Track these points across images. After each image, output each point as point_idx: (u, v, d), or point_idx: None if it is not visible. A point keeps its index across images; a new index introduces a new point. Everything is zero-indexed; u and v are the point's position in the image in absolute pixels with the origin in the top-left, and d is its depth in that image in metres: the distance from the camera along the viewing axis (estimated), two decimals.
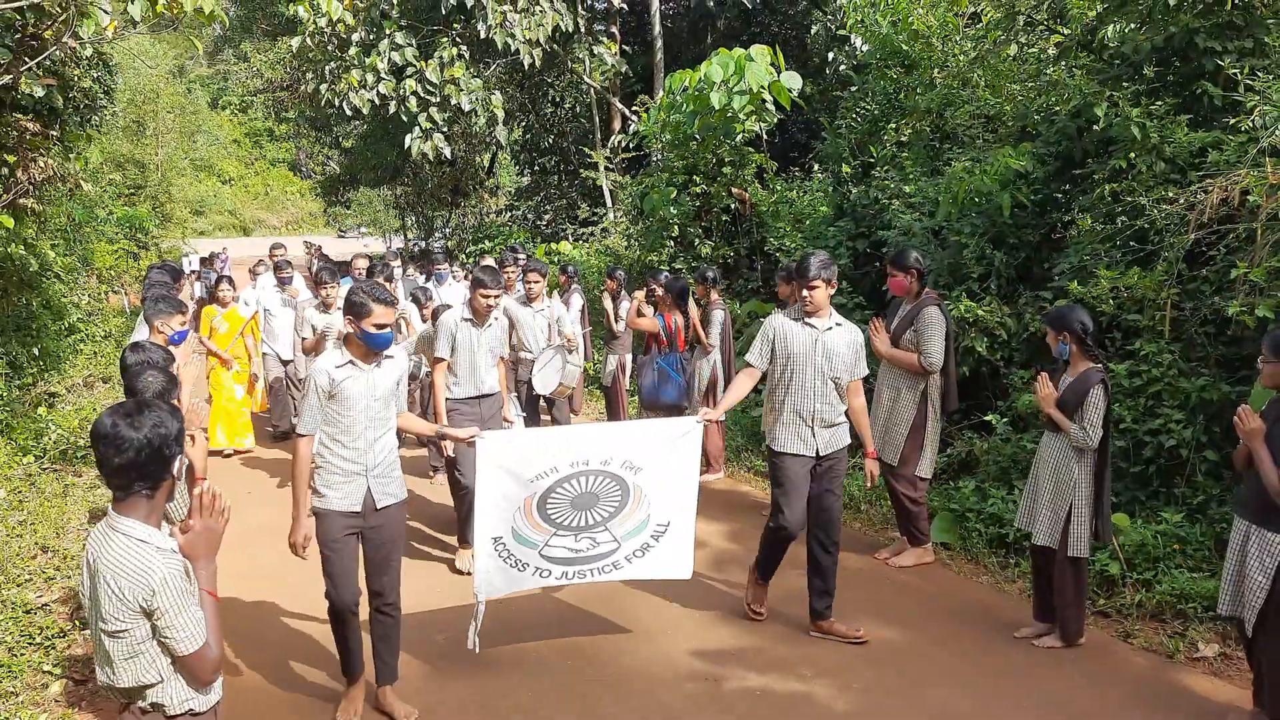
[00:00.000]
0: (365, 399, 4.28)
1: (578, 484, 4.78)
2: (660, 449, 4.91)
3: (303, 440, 4.29)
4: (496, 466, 4.61)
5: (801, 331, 5.21)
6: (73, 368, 12.27)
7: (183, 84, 43.59)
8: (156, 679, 2.50)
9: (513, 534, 4.76)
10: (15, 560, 6.05)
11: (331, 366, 4.24)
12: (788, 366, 5.24)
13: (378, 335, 4.23)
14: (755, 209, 11.72)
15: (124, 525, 2.49)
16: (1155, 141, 6.61)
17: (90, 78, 11.27)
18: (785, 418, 5.25)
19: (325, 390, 4.23)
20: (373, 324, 4.20)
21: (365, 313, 4.19)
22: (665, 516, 5.01)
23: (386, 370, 4.41)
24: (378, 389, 4.33)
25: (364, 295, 4.21)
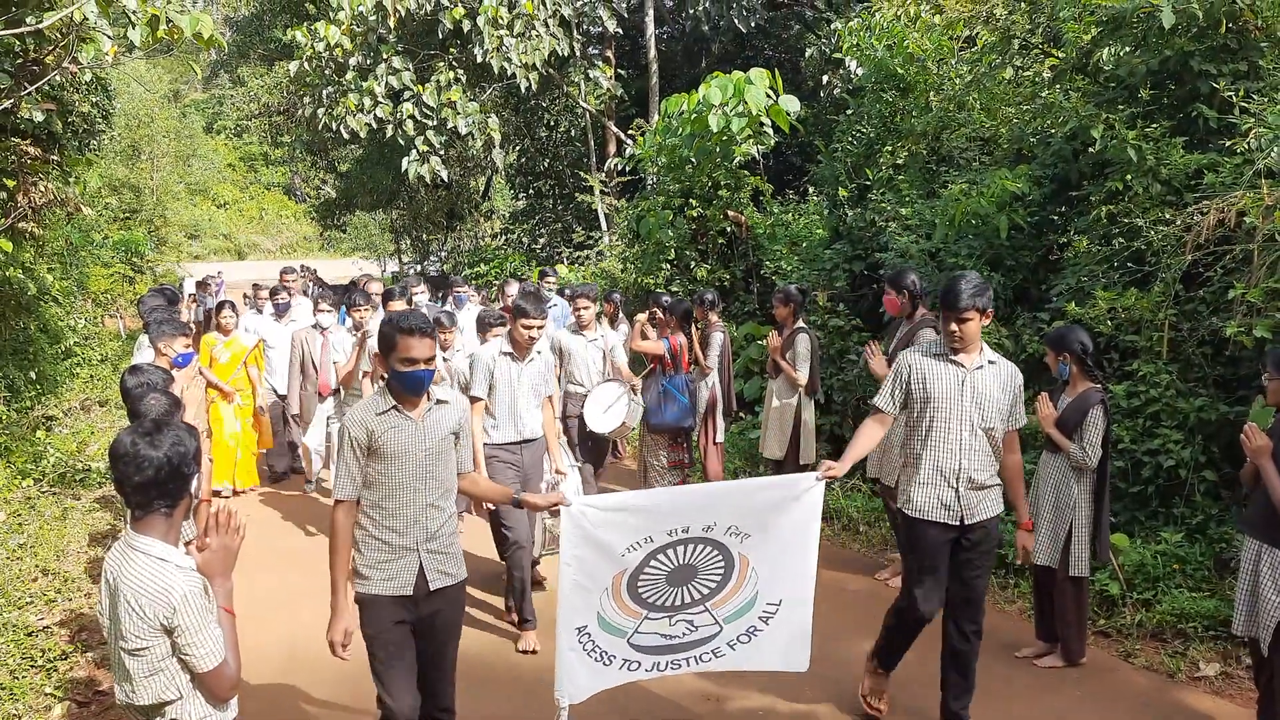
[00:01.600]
0: (415, 455, 3.56)
1: (675, 555, 4.00)
2: (771, 511, 4.08)
3: (340, 509, 3.55)
4: (584, 540, 3.82)
5: (945, 371, 4.33)
6: (69, 391, 12.27)
7: (178, 109, 43.75)
8: (176, 696, 2.52)
9: (599, 621, 3.99)
10: (16, 583, 6.04)
11: (370, 415, 3.53)
12: (927, 413, 4.37)
13: (410, 374, 3.49)
14: (751, 232, 11.78)
15: (143, 544, 2.50)
16: (1151, 164, 6.68)
17: (89, 102, 11.33)
18: (923, 476, 4.39)
19: (363, 445, 3.52)
20: (402, 359, 3.47)
21: (392, 344, 3.48)
22: (776, 594, 4.20)
23: (441, 417, 3.66)
24: (430, 440, 3.59)
25: (390, 324, 3.51)
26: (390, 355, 3.52)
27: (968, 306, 4.22)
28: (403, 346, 3.48)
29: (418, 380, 3.53)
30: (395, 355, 3.50)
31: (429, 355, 3.51)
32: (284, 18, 21.80)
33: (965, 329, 4.24)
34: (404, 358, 3.48)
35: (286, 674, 5.15)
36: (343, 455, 3.56)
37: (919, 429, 4.43)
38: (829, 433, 8.93)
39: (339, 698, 4.92)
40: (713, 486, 4.87)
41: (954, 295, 4.24)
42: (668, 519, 3.91)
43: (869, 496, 7.97)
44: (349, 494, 3.56)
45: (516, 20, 15.15)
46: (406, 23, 15.40)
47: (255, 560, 6.60)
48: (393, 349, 3.50)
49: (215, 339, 8.76)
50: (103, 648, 5.34)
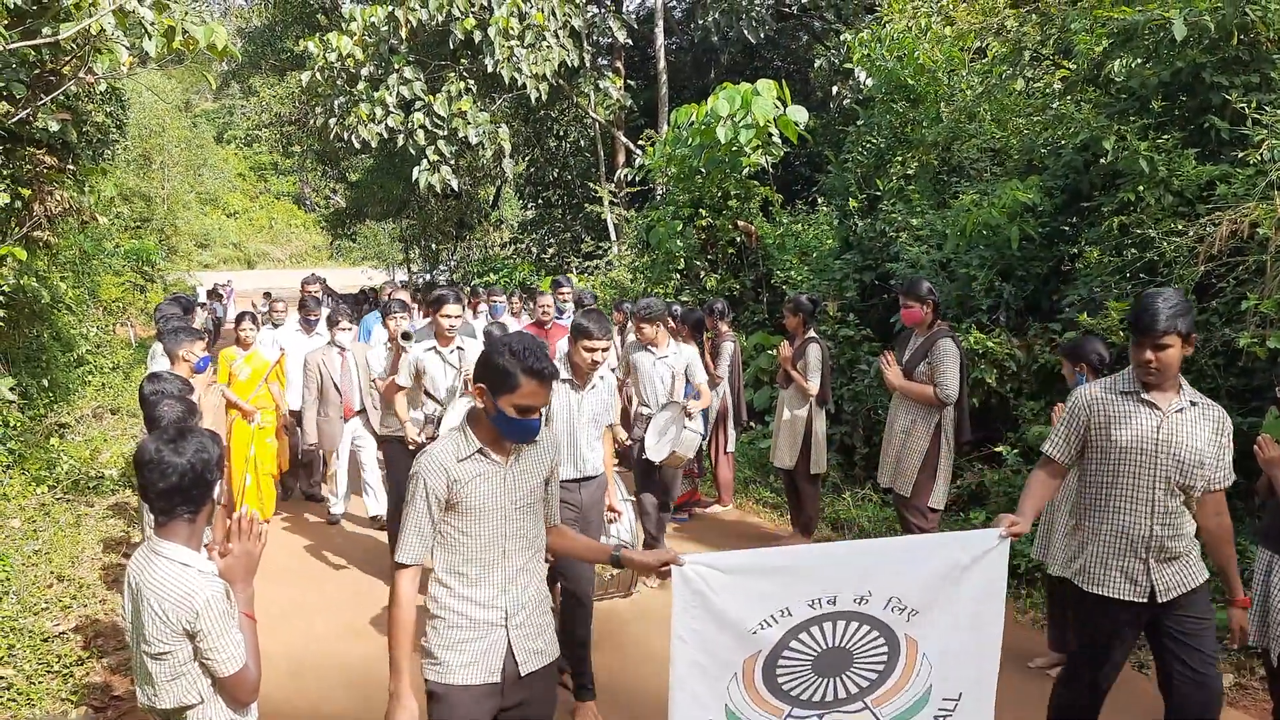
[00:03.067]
0: (503, 508, 2.96)
1: (822, 635, 3.19)
2: (943, 580, 3.24)
3: (404, 575, 2.91)
4: (704, 610, 3.05)
5: (1136, 413, 3.56)
6: (81, 399, 12.32)
7: (189, 118, 44.00)
8: (197, 700, 2.53)
9: (728, 716, 3.18)
10: (31, 589, 6.07)
11: (451, 461, 2.90)
12: (1109, 465, 3.62)
13: (521, 423, 2.89)
14: (761, 242, 11.81)
15: (166, 549, 2.53)
16: (1163, 175, 6.68)
17: (103, 112, 11.43)
18: (1104, 540, 3.66)
19: (441, 498, 2.89)
20: (518, 405, 2.86)
21: (510, 386, 2.84)
22: (954, 686, 3.39)
23: (531, 462, 3.05)
24: (521, 490, 2.99)
25: (512, 359, 2.84)
26: (504, 395, 2.85)
27: (1168, 330, 3.42)
28: (527, 390, 2.84)
29: (530, 430, 2.92)
30: (510, 398, 2.84)
31: (546, 402, 2.95)
32: (296, 28, 21.99)
33: (1163, 358, 3.45)
34: (524, 405, 2.85)
35: (297, 683, 5.17)
36: (413, 508, 2.90)
37: (1097, 484, 3.68)
38: (839, 442, 8.94)
39: (350, 707, 4.93)
40: (864, 544, 3.69)
41: (1150, 315, 3.43)
42: (809, 586, 3.12)
43: (880, 505, 7.98)
44: (417, 556, 2.91)
45: (527, 31, 15.25)
46: (418, 33, 15.51)
47: (265, 572, 6.62)
48: (513, 390, 2.84)
49: (234, 354, 7.95)
50: (118, 653, 5.37)
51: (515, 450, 3.00)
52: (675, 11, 21.26)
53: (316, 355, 8.02)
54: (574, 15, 15.83)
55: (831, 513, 7.99)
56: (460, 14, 14.88)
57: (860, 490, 8.36)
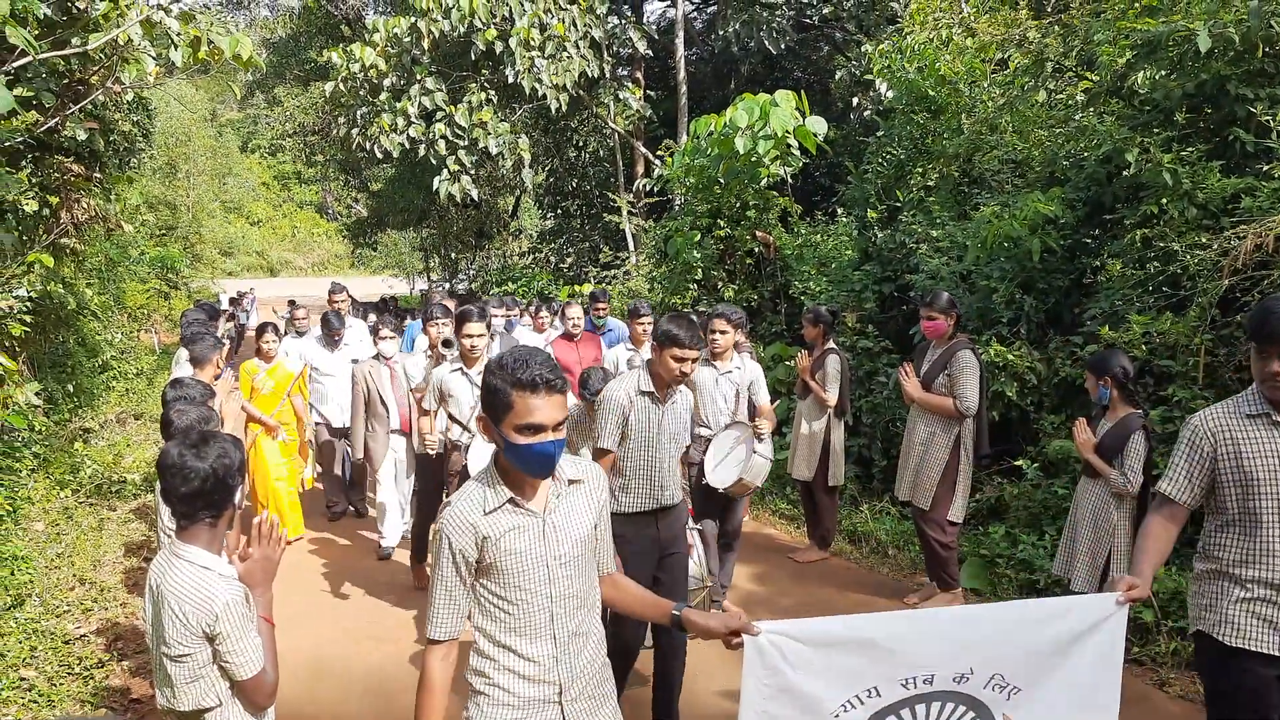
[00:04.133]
0: (544, 565, 2.54)
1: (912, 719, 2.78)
2: (1054, 651, 2.81)
3: (435, 653, 2.52)
4: (778, 687, 2.62)
5: (1269, 439, 3.09)
6: (105, 404, 12.44)
7: (214, 128, 44.42)
8: (215, 703, 2.56)
9: None
10: (54, 591, 6.13)
11: (476, 514, 2.49)
12: (1240, 499, 3.15)
13: (533, 448, 2.44)
14: (779, 252, 11.79)
15: (187, 552, 2.56)
16: (1187, 187, 6.64)
17: (130, 121, 11.54)
18: (1245, 586, 3.17)
19: (470, 559, 2.50)
20: (520, 425, 2.43)
21: (504, 406, 2.44)
22: None
23: (575, 505, 2.63)
24: (564, 543, 2.57)
25: (499, 375, 2.45)
26: (502, 420, 2.44)
27: None
28: (521, 408, 2.41)
29: (545, 457, 2.45)
30: (510, 420, 2.43)
31: (560, 418, 2.45)
32: (320, 39, 22.20)
33: None
34: (524, 423, 2.41)
35: (314, 687, 5.19)
36: (440, 574, 2.51)
37: (1229, 521, 3.21)
38: (857, 454, 8.90)
39: (367, 711, 4.95)
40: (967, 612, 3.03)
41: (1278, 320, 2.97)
42: (903, 662, 2.68)
43: (898, 519, 7.94)
44: (450, 630, 2.52)
45: (548, 42, 15.33)
46: (440, 44, 15.61)
47: (283, 577, 6.66)
48: (506, 410, 2.43)
49: (256, 367, 7.67)
50: (138, 656, 5.41)
51: (553, 491, 2.58)
52: (696, 22, 21.31)
53: (363, 368, 7.49)
54: (595, 26, 15.90)
55: (849, 525, 7.97)
56: (482, 25, 14.97)
57: (878, 503, 8.33)
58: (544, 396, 2.42)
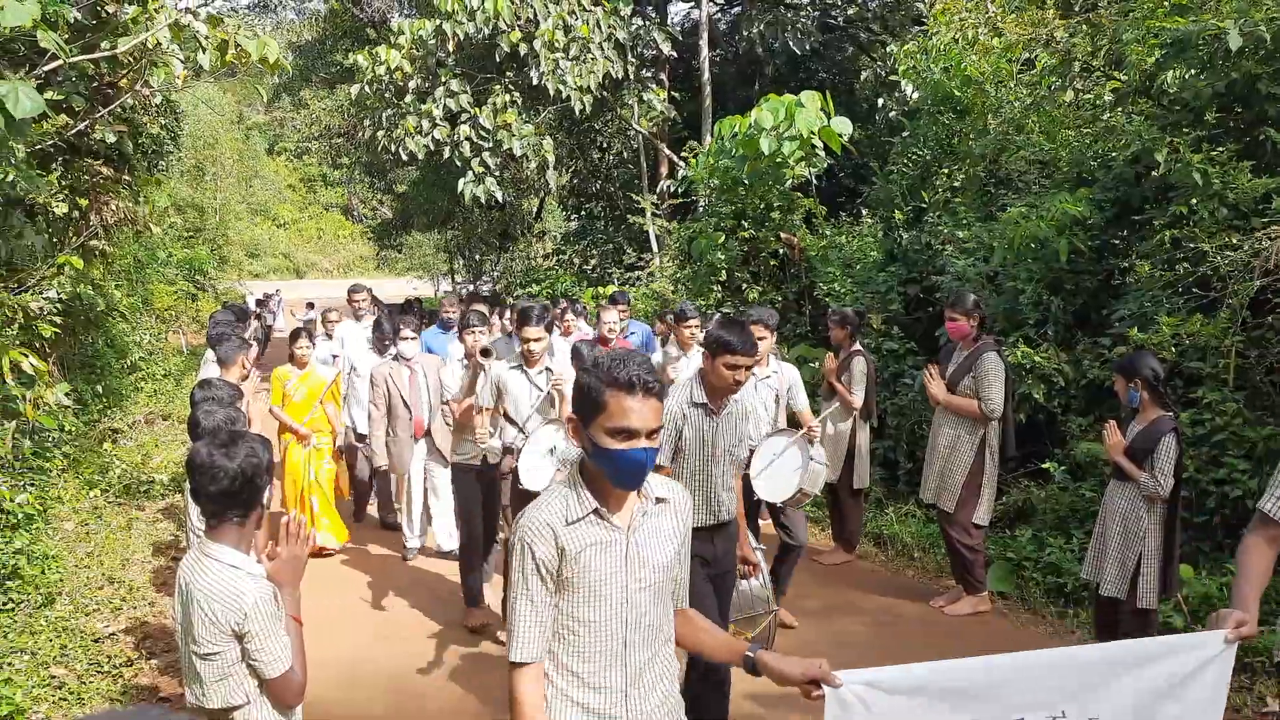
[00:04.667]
0: (623, 588, 2.33)
1: None
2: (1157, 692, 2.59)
3: (524, 675, 2.29)
4: None
5: None
6: (134, 405, 12.57)
7: (241, 131, 44.80)
8: (244, 701, 2.58)
9: None
10: (84, 590, 6.20)
11: (558, 522, 2.29)
12: None
13: (626, 454, 2.26)
14: (804, 254, 11.75)
15: (216, 551, 2.58)
16: (1218, 187, 6.57)
17: (159, 124, 11.65)
18: None
19: (550, 568, 2.29)
20: (613, 429, 2.25)
21: (596, 407, 2.28)
22: None
23: (661, 525, 2.43)
24: (646, 565, 2.36)
25: (594, 372, 2.31)
26: (593, 421, 2.28)
27: None
28: (615, 409, 2.24)
29: (636, 465, 2.26)
30: (601, 422, 2.26)
31: (654, 425, 2.27)
32: (346, 42, 22.31)
33: None
34: (617, 426, 2.24)
35: (343, 686, 5.22)
36: (523, 588, 2.28)
37: None
38: (882, 457, 8.86)
39: (395, 711, 4.97)
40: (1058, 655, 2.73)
41: None
42: (994, 710, 2.48)
43: (924, 522, 7.90)
44: (538, 652, 2.30)
45: (572, 44, 15.35)
46: (464, 47, 15.67)
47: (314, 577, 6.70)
48: (598, 411, 2.27)
49: (289, 373, 7.48)
50: (166, 655, 5.46)
51: (639, 508, 2.38)
52: (720, 23, 21.26)
53: (383, 370, 7.32)
54: (619, 28, 15.90)
55: (874, 528, 7.93)
56: (506, 27, 15.01)
57: (904, 505, 8.28)
58: (640, 399, 2.25)
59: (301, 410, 7.41)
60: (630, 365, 2.26)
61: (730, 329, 4.04)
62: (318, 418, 7.49)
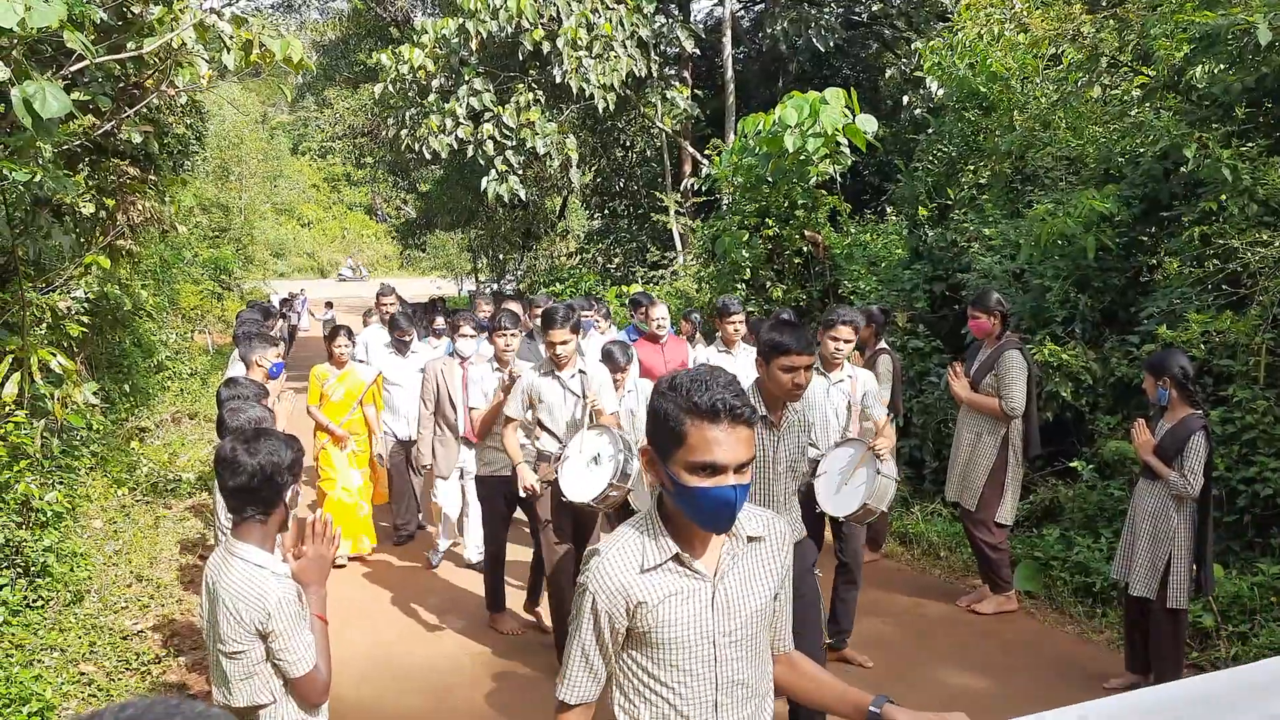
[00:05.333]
0: (710, 642, 2.05)
1: None
2: None
3: (570, 716, 2.14)
4: None
5: None
6: (161, 404, 12.66)
7: (266, 130, 45.09)
8: (270, 700, 2.58)
9: None
10: (112, 588, 6.25)
11: (630, 573, 2.02)
12: None
13: (707, 494, 1.93)
14: (829, 252, 11.70)
15: (241, 550, 2.59)
16: (1248, 183, 6.49)
17: (184, 124, 11.74)
18: None
19: (618, 626, 2.03)
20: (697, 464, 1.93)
21: (675, 439, 1.95)
22: None
23: (752, 570, 2.12)
24: (737, 615, 2.07)
25: (670, 396, 1.97)
26: (672, 455, 1.96)
27: None
28: (697, 441, 1.92)
29: (724, 505, 1.93)
30: (681, 456, 1.94)
31: (745, 457, 1.94)
32: (369, 42, 22.42)
33: None
34: (700, 461, 1.91)
35: (372, 685, 5.24)
36: (579, 636, 2.07)
37: None
38: (908, 455, 8.81)
39: (420, 710, 4.98)
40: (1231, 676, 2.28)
41: None
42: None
43: (950, 520, 7.84)
44: (586, 695, 2.11)
45: (595, 42, 15.34)
46: (487, 45, 15.69)
47: (339, 576, 6.74)
48: (677, 443, 1.94)
49: (327, 372, 7.26)
50: (194, 652, 5.50)
51: (728, 549, 2.08)
52: (743, 20, 21.21)
53: (436, 365, 6.95)
54: (642, 25, 15.89)
55: (900, 527, 7.88)
56: (529, 25, 15.02)
57: (930, 504, 8.23)
58: (726, 428, 1.92)
59: (339, 411, 7.21)
60: (714, 387, 1.93)
61: (780, 329, 3.69)
62: (355, 419, 7.28)
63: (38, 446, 6.06)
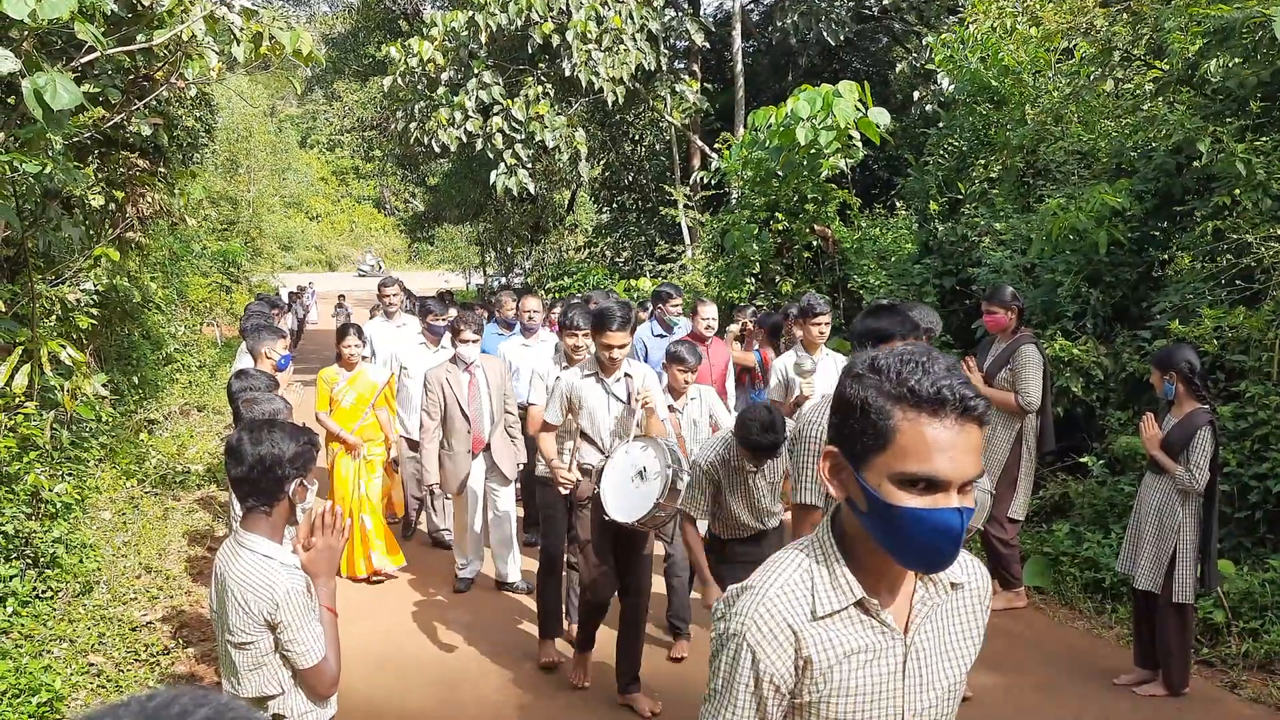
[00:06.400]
0: (899, 714, 1.58)
1: None
2: None
3: None
4: None
5: None
6: (169, 396, 12.68)
7: (274, 123, 45.15)
8: (278, 691, 2.58)
9: None
10: (121, 579, 6.26)
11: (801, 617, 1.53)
12: None
13: (920, 517, 1.43)
14: (838, 246, 11.67)
15: (250, 541, 2.59)
16: (1262, 178, 6.45)
17: (193, 117, 11.73)
18: None
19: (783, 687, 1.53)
20: (900, 475, 1.44)
21: (876, 435, 1.46)
22: None
23: (951, 625, 1.65)
24: (935, 685, 1.61)
25: (871, 380, 1.48)
26: (869, 459, 1.47)
27: None
28: (912, 441, 1.43)
29: (945, 533, 1.44)
30: (886, 461, 1.45)
31: (975, 468, 1.45)
32: (378, 34, 22.38)
33: None
34: (912, 471, 1.43)
35: (380, 678, 5.25)
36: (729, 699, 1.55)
37: None
38: None
39: (430, 703, 4.99)
40: None
41: None
42: None
43: None
44: None
45: (604, 35, 15.31)
46: (497, 38, 15.66)
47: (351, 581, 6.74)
48: (882, 443, 1.46)
49: (336, 375, 6.70)
50: (203, 644, 5.51)
51: (923, 598, 1.58)
52: (753, 14, 21.16)
53: (439, 373, 6.31)
54: (651, 18, 15.85)
55: None
56: (539, 18, 15.00)
57: None
58: (954, 426, 1.41)
59: (350, 417, 6.64)
60: (935, 370, 1.42)
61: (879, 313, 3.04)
62: (368, 425, 6.72)
63: (47, 438, 6.07)
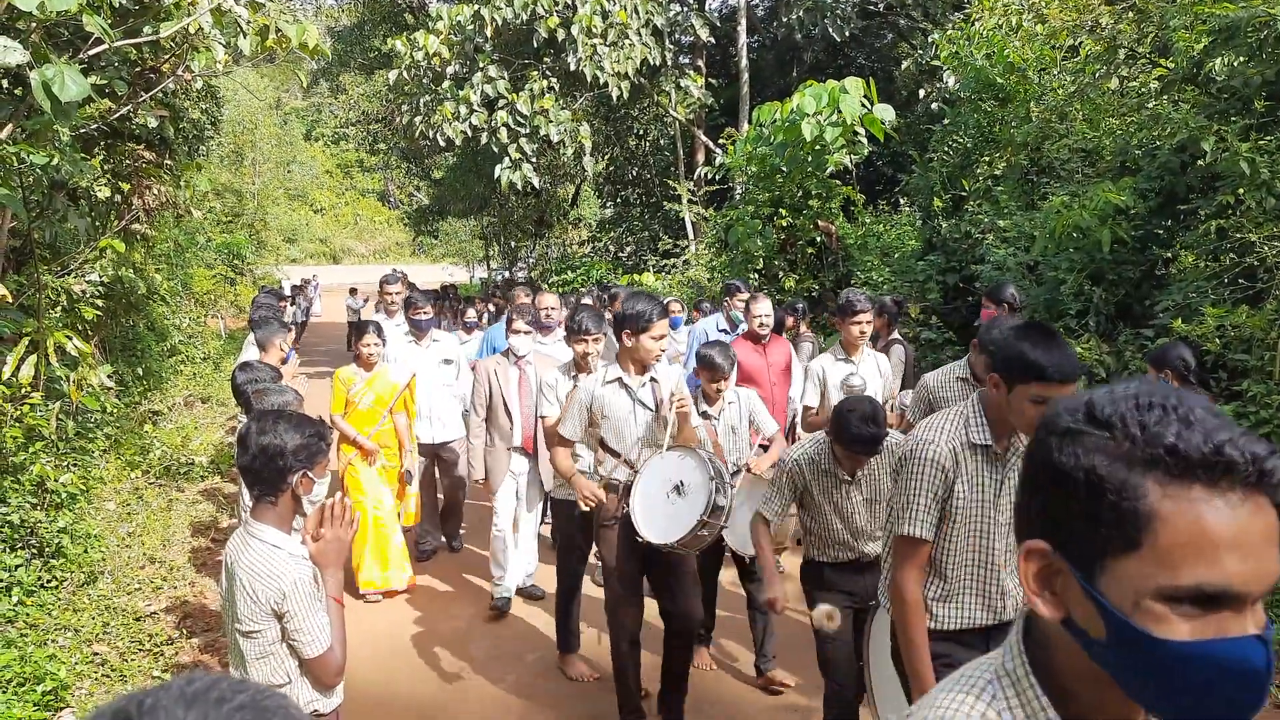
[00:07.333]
0: None
1: None
2: None
3: None
4: None
5: None
6: (174, 388, 12.71)
7: (279, 116, 45.17)
8: (285, 680, 2.60)
9: None
10: (125, 569, 6.29)
11: None
12: None
13: (1219, 658, 0.90)
14: (841, 242, 11.68)
15: (259, 530, 2.62)
16: (1266, 177, 6.45)
17: (199, 109, 11.76)
18: None
19: None
20: (1172, 587, 0.91)
21: (1124, 521, 0.93)
22: None
23: None
24: None
25: (1105, 437, 0.96)
26: (1111, 565, 0.96)
27: None
28: (1187, 532, 0.91)
29: (1245, 681, 0.91)
30: (1144, 569, 0.93)
31: (1275, 571, 0.92)
32: (384, 28, 22.40)
33: None
34: (1200, 586, 0.91)
35: (386, 669, 5.27)
36: None
37: None
38: None
39: (438, 694, 5.01)
40: None
41: None
42: None
43: None
44: None
45: (610, 29, 15.31)
46: (502, 32, 15.67)
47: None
48: (1134, 540, 0.94)
49: (353, 376, 6.31)
50: (207, 634, 5.54)
51: None
52: (758, 9, 21.14)
53: (489, 365, 5.99)
54: (656, 13, 15.85)
55: None
56: (544, 13, 15.00)
57: None
58: (1242, 503, 0.92)
59: (368, 420, 6.27)
60: (1202, 419, 0.94)
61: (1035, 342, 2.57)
62: (385, 430, 6.35)
63: (53, 428, 6.10)
